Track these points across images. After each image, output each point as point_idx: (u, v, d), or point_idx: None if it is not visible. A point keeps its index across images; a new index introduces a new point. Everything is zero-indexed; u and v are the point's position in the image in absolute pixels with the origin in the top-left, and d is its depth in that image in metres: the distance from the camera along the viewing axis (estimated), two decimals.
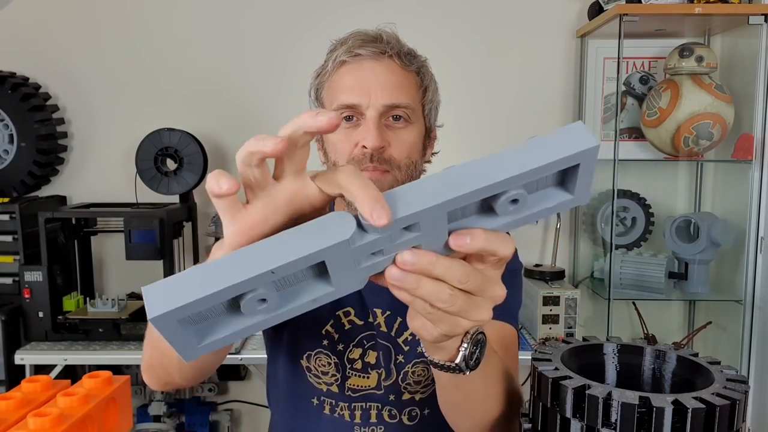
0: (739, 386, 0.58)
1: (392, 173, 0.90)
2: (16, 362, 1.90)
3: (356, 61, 0.90)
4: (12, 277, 2.06)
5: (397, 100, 0.89)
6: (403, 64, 0.91)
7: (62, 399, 0.57)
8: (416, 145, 0.93)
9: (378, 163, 0.88)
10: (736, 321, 2.09)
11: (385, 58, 0.90)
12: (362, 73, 0.89)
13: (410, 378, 0.97)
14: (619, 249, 2.18)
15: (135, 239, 1.91)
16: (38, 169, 2.17)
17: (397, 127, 0.90)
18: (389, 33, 0.93)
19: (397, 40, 0.93)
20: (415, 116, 0.92)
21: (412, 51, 0.94)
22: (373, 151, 0.88)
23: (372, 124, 0.88)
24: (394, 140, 0.90)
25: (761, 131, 1.99)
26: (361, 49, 0.89)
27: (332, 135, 0.91)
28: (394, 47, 0.90)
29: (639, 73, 2.24)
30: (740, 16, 1.96)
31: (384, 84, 0.88)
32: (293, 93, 2.26)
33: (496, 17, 2.27)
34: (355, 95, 0.88)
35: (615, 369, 0.71)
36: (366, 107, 0.88)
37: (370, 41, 0.90)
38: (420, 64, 0.94)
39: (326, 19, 2.24)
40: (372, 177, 0.88)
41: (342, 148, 0.90)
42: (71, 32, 2.27)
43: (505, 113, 2.29)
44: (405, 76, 0.91)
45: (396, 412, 0.98)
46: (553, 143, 0.42)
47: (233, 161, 2.31)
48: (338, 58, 0.90)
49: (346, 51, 0.89)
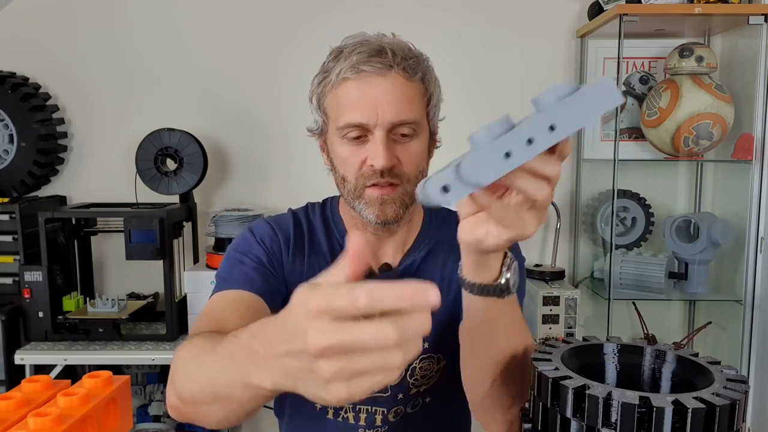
0: (739, 386, 0.58)
1: (402, 186, 0.91)
2: (16, 362, 1.90)
3: (361, 77, 0.88)
4: (12, 277, 2.06)
5: (404, 117, 0.88)
6: (408, 75, 0.89)
7: (62, 399, 0.57)
8: (423, 154, 0.94)
9: (389, 177, 0.89)
10: (736, 321, 2.09)
11: (391, 73, 0.88)
12: (368, 89, 0.88)
13: (417, 373, 0.99)
14: (619, 249, 2.18)
15: (135, 239, 1.90)
16: (38, 169, 2.17)
17: (405, 141, 0.91)
18: (392, 42, 0.91)
19: (401, 47, 0.90)
20: (421, 127, 0.92)
21: (416, 56, 0.92)
22: (383, 170, 0.89)
23: (380, 143, 0.88)
24: (403, 155, 0.90)
25: (761, 131, 1.99)
26: (366, 65, 0.87)
27: (340, 149, 0.92)
28: (399, 59, 0.88)
29: (639, 73, 2.24)
30: (740, 16, 1.96)
31: (390, 100, 0.88)
32: (293, 93, 2.26)
33: (496, 17, 2.27)
34: (362, 114, 0.88)
35: (615, 369, 0.71)
36: (373, 126, 0.88)
37: (374, 55, 0.88)
38: (424, 69, 0.93)
39: (327, 19, 2.25)
40: (384, 194, 0.90)
41: (351, 164, 0.91)
42: (71, 32, 2.27)
43: (504, 113, 2.28)
44: (410, 88, 0.90)
45: (401, 408, 1.00)
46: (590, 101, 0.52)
47: (233, 161, 2.31)
48: (342, 73, 0.88)
49: (351, 67, 0.88)
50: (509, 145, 0.53)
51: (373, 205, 0.91)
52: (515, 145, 0.53)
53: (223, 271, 0.95)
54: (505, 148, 0.53)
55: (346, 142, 0.90)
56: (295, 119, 2.29)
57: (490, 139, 0.53)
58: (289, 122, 2.28)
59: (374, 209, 0.91)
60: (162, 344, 1.96)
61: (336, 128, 0.91)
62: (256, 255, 0.96)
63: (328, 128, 0.94)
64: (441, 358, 1.00)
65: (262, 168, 2.32)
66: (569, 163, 2.33)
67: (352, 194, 0.92)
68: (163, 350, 1.93)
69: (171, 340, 1.98)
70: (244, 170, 2.32)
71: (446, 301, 0.98)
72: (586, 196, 2.32)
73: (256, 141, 2.31)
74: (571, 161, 2.33)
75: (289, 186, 2.30)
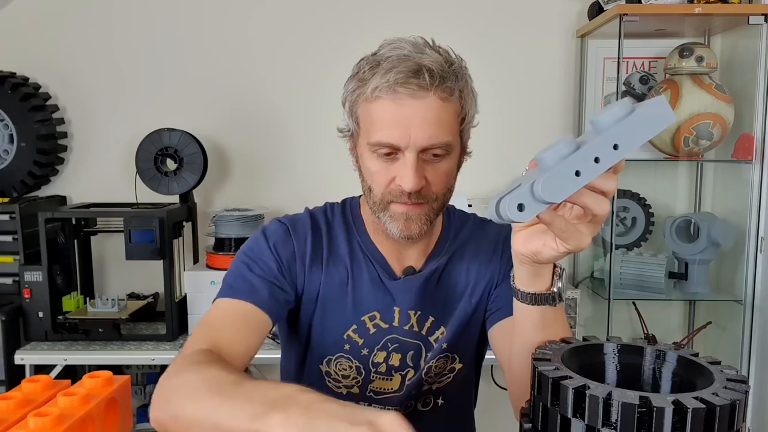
0: (739, 386, 0.58)
1: (429, 204, 0.91)
2: (16, 362, 1.90)
3: (396, 99, 0.85)
4: (12, 277, 2.07)
5: (436, 141, 0.86)
6: (444, 96, 0.86)
7: (62, 399, 0.57)
8: (453, 172, 0.93)
9: (416, 198, 0.89)
10: (736, 321, 2.09)
11: (428, 96, 0.85)
12: (402, 111, 0.85)
13: (432, 371, 1.01)
14: (619, 249, 2.18)
15: (135, 239, 1.90)
16: (38, 169, 2.17)
17: (436, 161, 0.89)
18: (432, 60, 0.86)
19: (440, 65, 0.86)
20: (453, 147, 0.90)
21: (455, 72, 0.88)
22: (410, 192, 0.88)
23: (411, 167, 0.86)
24: (432, 175, 0.89)
25: (761, 131, 1.99)
26: (403, 86, 0.84)
27: (369, 162, 0.90)
28: (436, 81, 0.84)
29: (639, 73, 2.24)
30: (740, 16, 1.96)
31: (423, 123, 0.85)
32: (294, 93, 2.26)
33: (496, 17, 2.27)
34: (394, 136, 0.85)
35: (615, 369, 0.71)
36: (405, 147, 0.86)
37: (412, 77, 0.84)
38: (461, 86, 0.89)
39: (327, 20, 2.24)
40: (409, 211, 0.90)
41: (379, 179, 0.90)
42: (71, 32, 2.27)
43: (505, 113, 2.29)
44: (445, 110, 0.87)
45: (412, 403, 1.02)
46: (647, 120, 0.58)
47: (233, 161, 2.32)
48: (377, 92, 0.85)
49: (388, 87, 0.84)
50: (578, 164, 0.57)
51: (398, 220, 0.91)
52: (584, 164, 0.57)
53: (230, 276, 0.95)
54: (574, 167, 0.57)
55: (376, 157, 0.89)
56: (295, 119, 2.29)
57: (557, 159, 0.58)
58: (289, 122, 2.28)
59: (399, 224, 0.91)
60: (162, 344, 1.96)
61: (367, 143, 0.89)
62: (266, 263, 0.94)
63: (359, 137, 0.92)
64: (457, 359, 1.02)
65: (262, 168, 2.32)
66: None
67: (377, 206, 0.92)
68: (163, 350, 1.93)
69: (171, 340, 1.98)
70: (244, 170, 2.32)
71: (469, 305, 1.01)
72: None
73: (256, 141, 2.31)
74: None
75: (290, 186, 2.31)
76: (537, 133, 2.31)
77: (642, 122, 0.58)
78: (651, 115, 0.58)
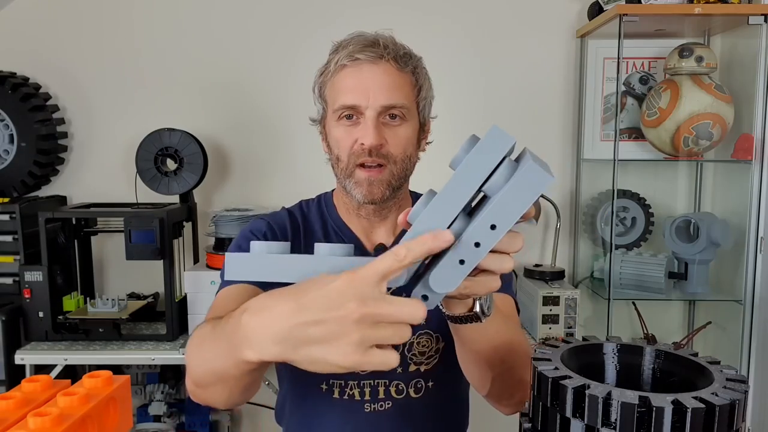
0: (739, 386, 0.58)
1: (388, 167, 1.00)
2: (16, 362, 1.90)
3: (356, 65, 0.98)
4: (12, 277, 2.06)
5: (394, 101, 0.98)
6: (399, 66, 0.99)
7: (62, 399, 0.57)
8: (411, 140, 1.02)
9: (376, 157, 0.98)
10: (736, 321, 2.09)
11: (383, 62, 0.98)
12: (361, 75, 0.98)
13: (416, 349, 1.05)
14: (619, 249, 2.18)
15: (135, 239, 1.90)
16: (38, 169, 2.17)
17: (394, 124, 0.99)
18: (386, 37, 1.00)
19: (394, 43, 1.00)
20: (410, 114, 1.01)
21: (408, 52, 1.02)
22: (371, 148, 0.97)
23: (370, 123, 0.97)
24: (390, 137, 0.99)
25: (761, 131, 1.99)
26: (361, 53, 0.97)
27: (335, 131, 1.01)
28: (390, 51, 0.98)
29: (639, 73, 2.24)
30: (740, 16, 1.96)
31: (381, 86, 0.97)
32: (294, 93, 2.26)
33: (496, 17, 2.27)
34: (355, 97, 0.97)
35: (615, 369, 0.71)
36: (365, 108, 0.97)
37: (369, 46, 0.98)
38: (415, 64, 1.02)
39: (327, 20, 2.25)
40: (371, 175, 1.00)
41: (344, 145, 1.00)
42: (71, 32, 2.27)
43: (505, 113, 2.29)
44: (401, 77, 0.99)
45: (403, 386, 1.05)
46: (520, 191, 0.57)
47: (233, 161, 2.31)
48: (340, 62, 0.98)
49: (347, 55, 0.97)
50: (461, 254, 0.59)
51: (361, 185, 1.00)
52: (466, 252, 0.59)
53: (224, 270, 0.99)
54: (457, 257, 0.59)
55: (340, 124, 1.00)
56: (295, 119, 2.29)
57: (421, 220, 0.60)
58: (289, 122, 2.28)
59: (362, 189, 1.00)
60: (162, 344, 1.96)
61: (332, 111, 1.01)
62: None
63: (327, 114, 1.04)
64: (440, 338, 1.06)
65: (262, 168, 2.32)
66: (569, 163, 2.34)
67: (344, 173, 1.01)
68: (163, 350, 1.93)
69: (171, 340, 1.98)
70: (244, 170, 2.32)
71: None
72: (586, 196, 2.32)
73: (256, 141, 2.31)
74: (571, 161, 2.33)
75: (290, 186, 2.30)
76: (537, 133, 2.31)
77: (514, 195, 0.57)
78: (523, 186, 0.57)
